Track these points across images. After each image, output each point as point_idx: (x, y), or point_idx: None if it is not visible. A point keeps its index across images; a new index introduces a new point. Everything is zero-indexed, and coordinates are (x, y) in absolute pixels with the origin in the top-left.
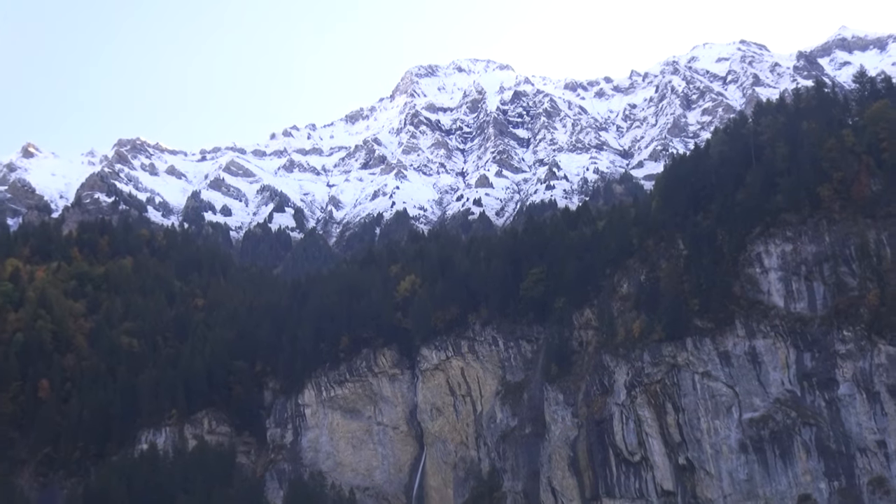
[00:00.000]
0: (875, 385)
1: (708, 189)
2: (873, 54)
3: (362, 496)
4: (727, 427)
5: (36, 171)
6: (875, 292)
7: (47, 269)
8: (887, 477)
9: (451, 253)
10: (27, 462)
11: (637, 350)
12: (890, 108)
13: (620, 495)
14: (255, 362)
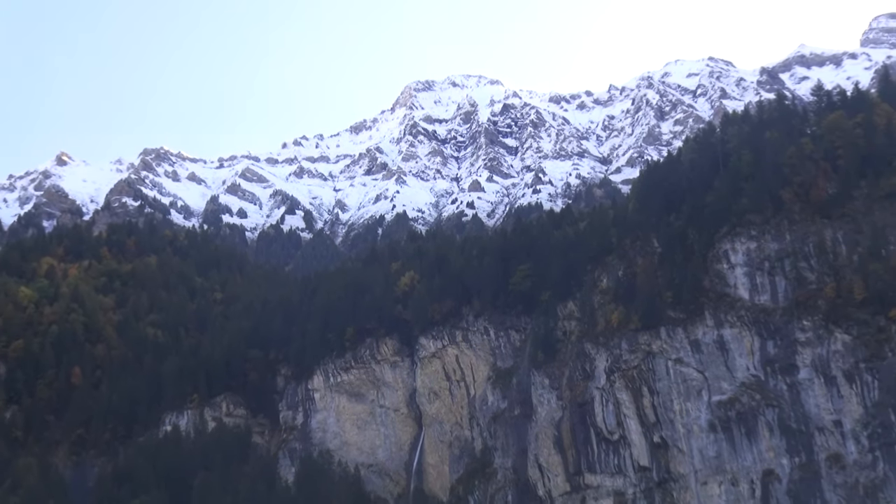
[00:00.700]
0: (832, 370)
1: (680, 192)
2: (829, 70)
3: (366, 472)
4: (698, 408)
5: (69, 177)
6: (832, 286)
7: (79, 267)
8: (843, 453)
9: (446, 251)
10: (61, 443)
11: (616, 339)
12: (845, 119)
13: (601, 471)
14: (269, 351)
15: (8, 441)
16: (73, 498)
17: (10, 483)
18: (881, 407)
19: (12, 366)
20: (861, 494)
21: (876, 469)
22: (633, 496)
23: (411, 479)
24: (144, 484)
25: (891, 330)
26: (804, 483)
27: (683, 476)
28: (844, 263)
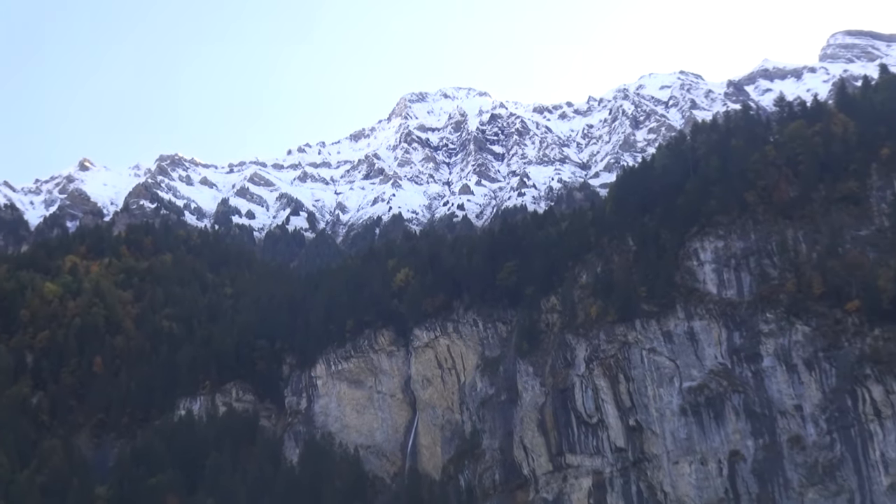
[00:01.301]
0: (793, 358)
1: (653, 195)
2: (791, 82)
3: (365, 453)
4: (670, 394)
5: (90, 182)
6: (792, 281)
7: (100, 265)
8: (803, 435)
9: (438, 249)
10: (84, 426)
11: (594, 330)
12: (804, 128)
13: (581, 451)
14: (275, 341)
15: (35, 424)
16: (95, 477)
17: (37, 463)
18: (838, 392)
19: (38, 355)
20: (820, 473)
21: (833, 450)
22: (610, 475)
23: (406, 459)
24: (160, 464)
25: (847, 322)
26: (767, 463)
27: (657, 456)
28: (804, 261)
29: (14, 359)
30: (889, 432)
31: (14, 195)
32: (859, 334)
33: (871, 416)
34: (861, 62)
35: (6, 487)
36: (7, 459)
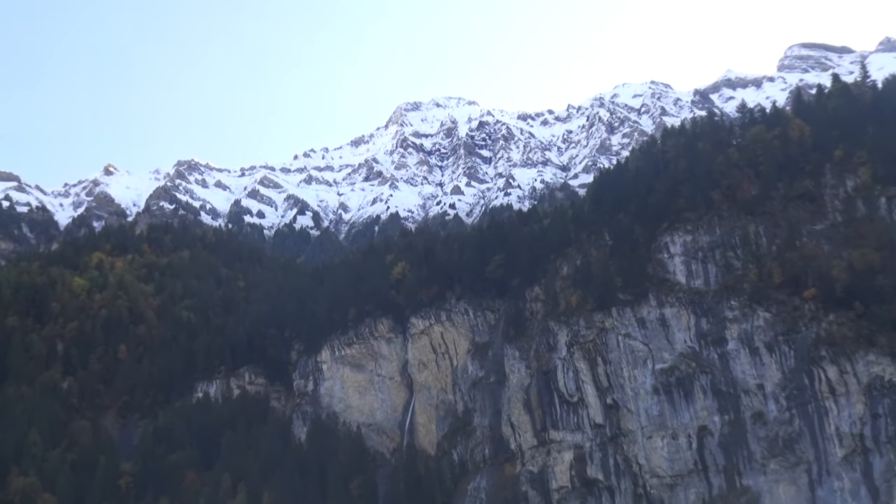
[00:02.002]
0: (755, 342)
1: (627, 194)
2: (752, 91)
3: (367, 431)
4: (643, 375)
5: (114, 185)
6: (754, 271)
7: (124, 261)
8: (765, 412)
9: (432, 245)
10: (110, 408)
11: (574, 317)
12: (765, 132)
13: (563, 428)
14: (284, 330)
15: (65, 407)
16: (121, 454)
17: (68, 442)
18: (796, 372)
19: (68, 344)
20: (780, 446)
21: (793, 424)
22: (589, 449)
23: (404, 436)
24: (180, 442)
25: (804, 308)
26: (732, 437)
27: (632, 432)
28: (765, 253)
29: (46, 347)
30: (843, 408)
31: (45, 198)
32: (815, 320)
33: (827, 393)
34: (815, 72)
35: (40, 465)
36: (40, 439)
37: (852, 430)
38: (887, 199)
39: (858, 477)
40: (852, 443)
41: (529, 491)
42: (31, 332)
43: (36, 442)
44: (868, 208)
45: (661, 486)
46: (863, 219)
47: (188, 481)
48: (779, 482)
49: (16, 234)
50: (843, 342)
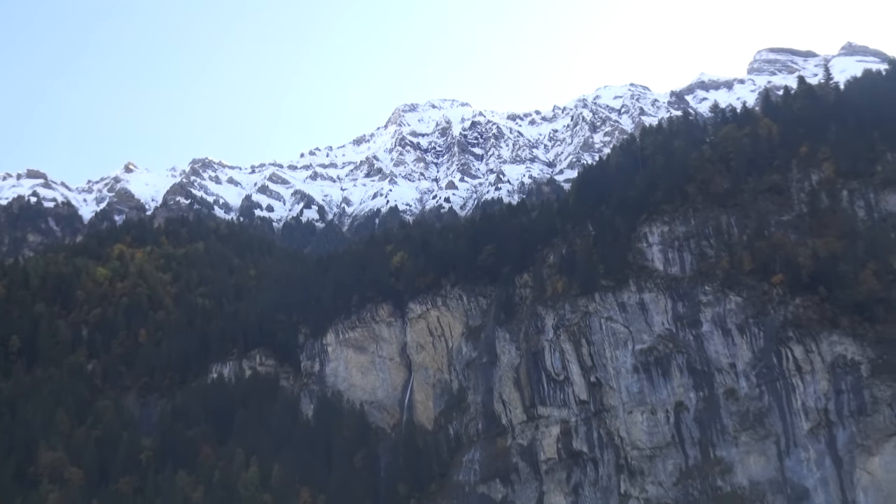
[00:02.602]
0: (728, 324)
1: (608, 188)
2: (724, 92)
3: (369, 408)
4: (624, 355)
5: (134, 182)
6: (726, 259)
7: (143, 252)
8: (737, 388)
9: (428, 236)
10: (131, 388)
11: (560, 302)
12: (735, 131)
13: (550, 404)
14: (292, 315)
15: (90, 388)
16: (141, 431)
17: (92, 420)
18: (765, 352)
19: (92, 329)
20: (751, 420)
21: (762, 400)
22: (575, 424)
23: (403, 412)
24: (196, 419)
25: (772, 293)
26: (707, 412)
27: (614, 407)
28: (736, 242)
29: (71, 332)
30: (808, 385)
31: (70, 194)
32: (783, 303)
33: (794, 371)
34: (782, 75)
35: (66, 441)
36: (67, 417)
37: (817, 405)
38: (849, 191)
39: (823, 448)
40: (817, 417)
41: (519, 462)
42: (58, 319)
43: (63, 420)
44: (831, 200)
45: (641, 457)
46: (826, 210)
47: (204, 455)
48: (750, 453)
49: (43, 228)
50: (809, 324)
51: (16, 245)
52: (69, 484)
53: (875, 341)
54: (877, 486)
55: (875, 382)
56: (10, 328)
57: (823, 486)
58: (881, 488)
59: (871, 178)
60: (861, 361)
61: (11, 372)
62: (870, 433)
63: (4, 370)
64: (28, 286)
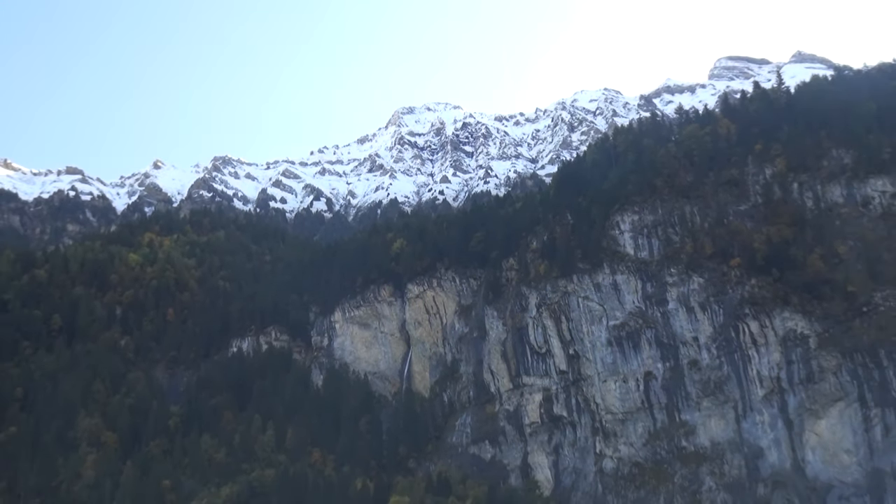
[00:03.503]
0: (691, 302)
1: (585, 182)
2: (687, 96)
3: (372, 378)
4: (599, 330)
5: (162, 177)
6: (690, 245)
7: (171, 239)
8: (699, 359)
9: (425, 225)
10: (160, 361)
11: (542, 283)
12: (698, 130)
13: (533, 374)
14: (303, 295)
15: (123, 361)
16: (169, 399)
17: (126, 389)
18: (724, 327)
19: (125, 309)
20: (712, 387)
21: (722, 370)
22: (555, 391)
23: (403, 382)
24: (219, 388)
25: (731, 274)
26: (673, 380)
27: (590, 377)
28: (698, 229)
29: (107, 312)
30: (763, 356)
31: (104, 188)
32: (740, 284)
33: (750, 344)
34: (739, 80)
35: (103, 408)
36: (103, 387)
37: (771, 374)
38: (799, 184)
39: (776, 412)
40: (771, 384)
41: (506, 426)
42: (95, 300)
43: (99, 390)
44: (783, 192)
45: (614, 420)
46: (778, 201)
47: (225, 421)
48: (710, 417)
49: (81, 219)
50: (763, 302)
51: (56, 234)
52: (105, 447)
53: (822, 317)
54: (823, 445)
55: (822, 354)
56: (52, 308)
57: (776, 445)
58: (827, 448)
59: (818, 172)
60: (809, 335)
61: (53, 347)
62: (817, 399)
63: (47, 346)
64: (68, 271)
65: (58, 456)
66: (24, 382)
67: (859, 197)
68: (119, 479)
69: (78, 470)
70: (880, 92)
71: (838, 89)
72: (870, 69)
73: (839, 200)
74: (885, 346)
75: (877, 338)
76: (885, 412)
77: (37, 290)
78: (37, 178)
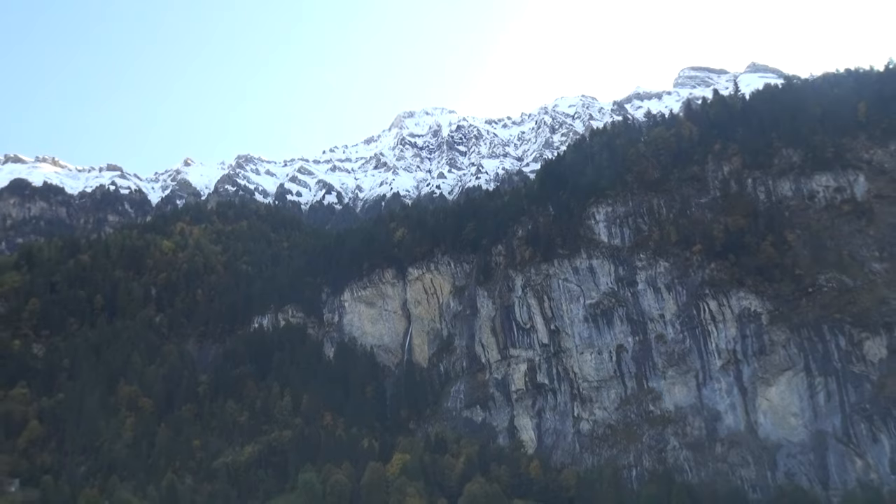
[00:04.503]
0: (658, 284)
1: (565, 178)
2: (655, 102)
3: (377, 350)
4: (577, 308)
5: (192, 173)
6: (657, 233)
7: (199, 228)
8: (665, 334)
9: (423, 215)
10: (191, 335)
11: (527, 267)
12: (664, 132)
13: (519, 346)
14: (317, 277)
15: (158, 335)
16: (199, 369)
17: (160, 360)
18: (687, 306)
19: (160, 289)
20: (676, 358)
21: (685, 343)
22: (538, 361)
23: (404, 354)
24: (242, 359)
25: (693, 259)
26: (641, 352)
27: (569, 349)
28: (665, 219)
29: (143, 292)
30: (720, 331)
31: (141, 183)
32: (701, 267)
33: (709, 321)
34: (701, 88)
35: (140, 377)
36: (140, 358)
37: (727, 347)
38: (753, 179)
39: (732, 380)
40: (727, 356)
41: (495, 392)
42: (132, 281)
43: (137, 361)
44: (739, 186)
45: (590, 388)
46: (735, 194)
47: (248, 388)
48: (675, 384)
49: (120, 210)
50: (721, 283)
51: (98, 224)
52: (142, 411)
53: (773, 297)
54: (773, 409)
55: (772, 329)
56: (95, 289)
57: (732, 410)
58: (777, 411)
59: (770, 169)
60: (762, 313)
61: (96, 323)
62: (768, 369)
63: (90, 322)
64: (109, 256)
65: (100, 419)
66: (71, 354)
67: (806, 191)
68: (154, 438)
69: (118, 431)
70: (825, 98)
71: (788, 96)
72: (815, 78)
73: (788, 194)
74: (828, 322)
75: (821, 315)
76: (828, 380)
77: (81, 274)
78: (81, 175)
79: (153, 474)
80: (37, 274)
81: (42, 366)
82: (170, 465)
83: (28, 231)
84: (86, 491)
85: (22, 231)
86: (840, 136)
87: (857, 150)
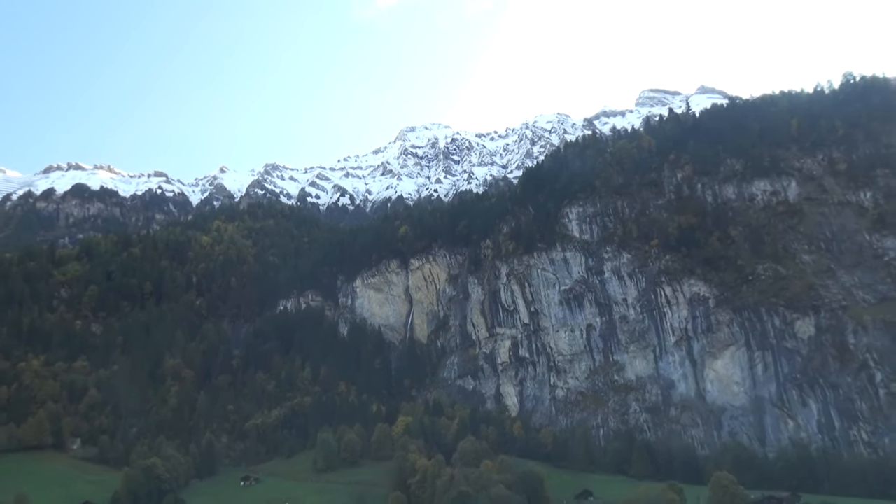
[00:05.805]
0: (622, 272)
1: (543, 183)
2: (619, 119)
3: (384, 329)
4: (554, 294)
5: (227, 179)
6: (621, 230)
7: (233, 226)
8: (628, 315)
9: (423, 215)
10: (226, 317)
11: (511, 258)
12: (627, 144)
13: (504, 325)
14: (333, 267)
15: (198, 317)
16: (233, 345)
17: (200, 338)
18: (646, 291)
19: (199, 277)
20: (637, 336)
21: (644, 323)
22: (520, 338)
23: (407, 332)
24: (270, 337)
25: (651, 252)
26: (608, 331)
27: (546, 328)
28: (627, 218)
29: (185, 279)
30: (675, 313)
31: (183, 187)
32: (658, 259)
33: (665, 304)
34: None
35: (183, 352)
36: (183, 336)
37: (680, 326)
38: (702, 184)
39: (684, 354)
40: (680, 333)
41: (484, 364)
42: (176, 270)
43: (180, 338)
44: (690, 190)
45: (564, 360)
46: (687, 197)
47: (275, 361)
48: (636, 358)
49: (165, 210)
50: (675, 272)
51: (147, 222)
52: (185, 381)
53: (718, 284)
54: (719, 379)
55: (718, 311)
56: (144, 277)
57: (684, 379)
58: (722, 381)
59: (717, 175)
60: (709, 297)
61: (145, 306)
62: (714, 344)
63: (140, 305)
64: (156, 249)
65: (149, 387)
66: (124, 332)
67: (747, 194)
68: (195, 404)
69: (164, 398)
70: (763, 116)
71: (732, 114)
72: (755, 99)
73: (732, 197)
74: (765, 305)
75: (759, 299)
76: (765, 354)
77: (133, 264)
78: (132, 180)
79: (194, 434)
80: (95, 265)
81: (99, 342)
82: (208, 427)
83: (87, 228)
84: (137, 448)
85: (82, 228)
86: (776, 148)
87: (790, 159)
